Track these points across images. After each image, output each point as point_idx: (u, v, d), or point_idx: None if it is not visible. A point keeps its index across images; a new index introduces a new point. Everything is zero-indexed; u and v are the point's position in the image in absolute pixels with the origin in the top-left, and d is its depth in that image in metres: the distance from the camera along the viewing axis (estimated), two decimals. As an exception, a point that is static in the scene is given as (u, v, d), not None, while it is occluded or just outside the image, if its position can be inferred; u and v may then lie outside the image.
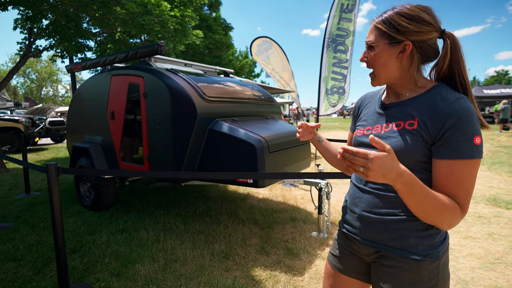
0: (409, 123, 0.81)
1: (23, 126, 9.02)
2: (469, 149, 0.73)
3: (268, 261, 2.40)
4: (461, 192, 0.74)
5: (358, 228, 0.91)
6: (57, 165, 1.79)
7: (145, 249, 2.54)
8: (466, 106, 0.74)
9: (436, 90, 0.82)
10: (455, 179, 0.74)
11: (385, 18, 0.82)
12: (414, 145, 0.78)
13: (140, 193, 4.27)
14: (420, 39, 0.80)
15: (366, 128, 0.93)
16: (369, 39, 0.86)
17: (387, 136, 0.84)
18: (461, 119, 0.73)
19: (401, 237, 0.82)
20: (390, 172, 0.66)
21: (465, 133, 0.72)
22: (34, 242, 2.70)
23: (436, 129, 0.76)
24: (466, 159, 0.73)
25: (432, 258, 0.80)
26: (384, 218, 0.84)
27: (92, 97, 3.55)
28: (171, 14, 6.22)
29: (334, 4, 6.00)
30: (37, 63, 40.12)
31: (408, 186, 0.70)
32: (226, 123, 2.64)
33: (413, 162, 0.79)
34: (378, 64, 0.85)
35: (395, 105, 0.87)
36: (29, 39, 6.40)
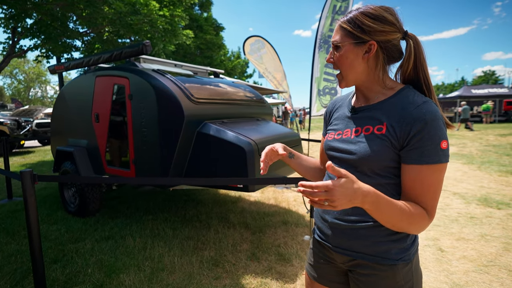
0: (377, 127, 0.80)
1: (8, 128, 8.73)
2: (436, 154, 0.72)
3: (259, 267, 2.32)
4: (427, 197, 0.74)
5: (330, 236, 0.89)
6: (32, 172, 1.68)
7: (131, 258, 2.44)
8: (432, 110, 0.73)
9: (403, 93, 0.81)
10: (423, 184, 0.74)
11: (350, 18, 0.81)
12: (383, 151, 0.77)
13: (128, 197, 4.14)
14: (385, 39, 0.79)
15: (337, 133, 0.92)
16: (335, 39, 0.84)
17: (356, 141, 0.83)
18: (427, 123, 0.72)
19: (373, 243, 0.81)
20: (355, 196, 0.64)
21: (432, 137, 0.72)
22: (13, 251, 2.57)
23: (403, 134, 0.75)
24: (433, 164, 0.72)
25: (405, 261, 0.80)
26: (355, 225, 0.83)
27: (76, 98, 3.42)
28: (160, 14, 6.10)
29: (326, 5, 5.98)
30: (24, 64, 39.19)
31: (375, 205, 0.69)
32: (215, 126, 2.56)
33: (381, 168, 0.79)
34: (344, 64, 0.83)
35: (365, 109, 0.86)
36: (12, 38, 6.20)
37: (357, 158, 0.81)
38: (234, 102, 3.11)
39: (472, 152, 7.51)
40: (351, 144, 0.83)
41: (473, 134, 12.28)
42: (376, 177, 0.79)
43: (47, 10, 5.88)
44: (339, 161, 0.87)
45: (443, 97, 22.36)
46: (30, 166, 6.95)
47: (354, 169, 0.83)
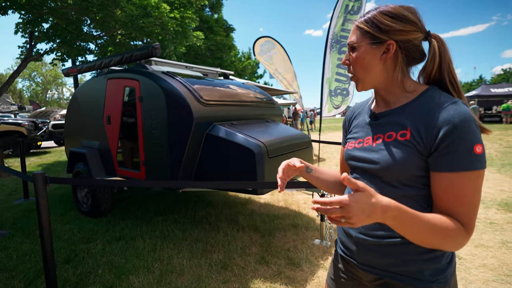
0: (401, 133, 0.73)
1: (25, 129, 9.03)
2: (469, 160, 0.64)
3: (268, 272, 2.29)
4: (463, 209, 0.66)
5: (355, 252, 0.82)
6: (44, 174, 1.70)
7: (141, 259, 2.45)
8: (463, 111, 0.66)
9: (428, 94, 0.74)
10: (456, 194, 0.66)
11: (368, 18, 0.77)
12: (408, 158, 0.70)
13: (139, 198, 4.19)
14: (404, 39, 0.74)
15: (357, 141, 0.86)
16: (351, 39, 0.79)
17: (378, 149, 0.77)
18: (457, 126, 0.65)
19: (404, 262, 0.73)
20: (374, 211, 0.59)
21: (464, 141, 0.64)
22: (28, 251, 2.63)
23: (431, 139, 0.68)
24: (467, 171, 0.65)
25: (441, 283, 0.72)
26: (383, 241, 0.75)
27: (88, 100, 3.48)
28: (171, 16, 6.16)
29: (338, 5, 5.88)
30: (42, 67, 40.56)
31: (398, 220, 0.62)
32: (224, 127, 2.54)
33: (408, 177, 0.72)
34: (361, 66, 0.78)
35: (386, 114, 0.80)
36: (30, 42, 6.39)
37: (380, 168, 0.75)
38: (243, 104, 3.09)
39: (492, 154, 7.22)
40: (373, 153, 0.78)
41: (493, 135, 11.82)
42: (403, 187, 0.72)
43: (62, 14, 6.03)
44: (362, 171, 0.82)
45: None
46: (46, 166, 7.16)
47: (378, 179, 0.77)
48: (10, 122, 9.13)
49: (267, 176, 2.37)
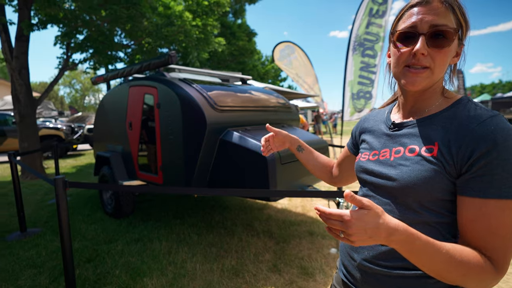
0: (426, 148, 0.63)
1: (63, 133, 9.74)
2: (510, 185, 0.54)
3: (280, 280, 2.24)
4: (495, 244, 0.55)
5: (358, 279, 0.74)
6: (64, 179, 1.81)
7: (156, 261, 2.52)
8: (506, 127, 0.55)
9: (461, 105, 0.64)
10: (488, 226, 0.55)
11: (459, 5, 0.63)
12: (433, 178, 0.60)
13: (160, 200, 4.32)
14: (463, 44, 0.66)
15: (372, 153, 0.76)
16: (445, 21, 0.61)
17: (397, 164, 0.67)
18: (498, 144, 0.54)
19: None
20: (377, 232, 0.52)
21: (506, 163, 0.54)
22: (56, 249, 2.81)
23: (463, 157, 0.57)
24: (505, 199, 0.54)
25: None
26: (392, 272, 0.66)
27: (113, 107, 3.67)
28: (193, 24, 6.35)
29: (362, 7, 5.71)
30: (81, 74, 43.66)
31: (406, 246, 0.54)
32: (237, 133, 2.55)
33: (431, 200, 0.61)
34: (442, 62, 0.63)
35: (409, 125, 0.69)
36: (66, 53, 6.91)
37: (398, 186, 0.64)
38: (258, 109, 3.08)
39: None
40: (391, 168, 0.67)
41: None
42: (424, 212, 0.62)
43: (95, 26, 6.46)
44: (375, 187, 0.72)
45: (500, 96, 20.05)
46: (79, 168, 7.65)
47: (393, 199, 0.67)
48: (50, 126, 9.90)
49: (279, 182, 2.33)
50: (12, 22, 5.75)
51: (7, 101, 12.48)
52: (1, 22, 5.56)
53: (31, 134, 6.11)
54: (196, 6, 6.95)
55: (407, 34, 0.64)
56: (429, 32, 0.61)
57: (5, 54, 5.83)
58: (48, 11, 5.48)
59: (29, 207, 4.09)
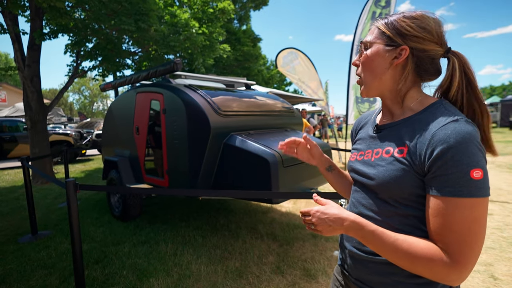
0: (398, 149, 0.70)
1: (72, 139, 9.96)
2: (464, 185, 0.58)
3: (282, 282, 2.28)
4: (450, 239, 0.60)
5: (350, 265, 0.82)
6: (75, 182, 1.89)
7: (162, 263, 2.58)
8: (462, 130, 0.60)
9: (432, 109, 0.69)
10: (445, 221, 0.60)
11: (389, 20, 0.74)
12: (403, 177, 0.67)
13: (166, 204, 4.40)
14: (420, 47, 0.69)
15: (359, 153, 0.84)
16: (366, 38, 0.77)
17: (375, 164, 0.75)
18: (452, 147, 0.59)
19: (394, 283, 0.71)
20: (334, 221, 0.67)
21: (458, 164, 0.59)
22: (65, 250, 2.89)
23: (426, 158, 0.63)
24: (459, 197, 0.59)
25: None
26: (375, 258, 0.73)
27: (121, 113, 3.78)
28: (199, 32, 6.49)
29: (365, 11, 5.78)
30: (89, 81, 44.58)
31: (359, 234, 0.66)
32: (240, 137, 2.62)
33: (405, 196, 0.68)
34: (369, 68, 0.75)
35: (388, 127, 0.77)
36: (76, 61, 7.12)
37: (375, 184, 0.72)
38: (261, 114, 3.15)
39: None
40: (371, 168, 0.75)
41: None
42: (399, 206, 0.69)
43: (104, 34, 6.65)
44: (360, 185, 0.81)
45: (510, 98, 19.73)
46: (88, 172, 7.81)
47: (374, 195, 0.75)
48: (60, 132, 10.14)
49: (282, 185, 2.38)
50: (25, 32, 5.97)
51: (18, 108, 12.84)
52: (15, 32, 5.79)
53: (42, 140, 6.29)
54: (202, 14, 7.10)
55: None
56: (360, 45, 0.78)
57: (17, 62, 6.04)
58: (59, 21, 5.68)
59: (39, 210, 4.21)
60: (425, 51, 0.70)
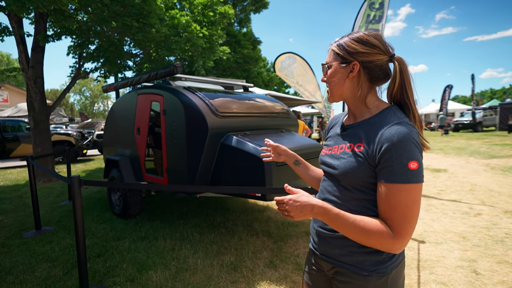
0: (357, 145, 0.85)
1: (74, 139, 10.09)
2: (403, 174, 0.74)
3: (275, 275, 2.39)
4: (394, 216, 0.75)
5: (317, 243, 0.96)
6: (79, 178, 2.02)
7: (160, 257, 2.69)
8: (402, 131, 0.75)
9: (384, 113, 0.85)
10: (390, 203, 0.76)
11: (339, 43, 0.90)
12: (360, 167, 0.82)
13: (165, 202, 4.52)
14: (367, 60, 0.85)
15: (328, 148, 0.99)
16: (326, 60, 0.94)
17: (339, 157, 0.90)
18: (394, 144, 0.75)
19: (350, 253, 0.86)
20: (304, 208, 0.78)
21: (399, 157, 0.74)
22: (68, 245, 3.01)
23: (376, 153, 0.78)
24: (401, 184, 0.74)
25: (380, 273, 0.82)
26: (335, 234, 0.89)
27: (122, 114, 3.91)
28: (200, 35, 6.63)
29: (360, 15, 5.92)
30: (90, 82, 44.82)
31: (325, 217, 0.78)
32: (236, 137, 2.74)
33: (360, 183, 0.83)
34: (332, 82, 0.91)
35: (351, 127, 0.92)
36: (78, 62, 7.26)
37: (338, 173, 0.87)
38: (258, 115, 3.27)
39: None
40: (336, 160, 0.90)
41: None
42: (356, 192, 0.84)
43: (106, 36, 6.80)
44: (327, 174, 0.95)
45: (509, 102, 19.84)
46: (89, 172, 7.93)
47: (337, 183, 0.90)
48: (61, 132, 10.28)
49: (275, 183, 2.50)
50: (29, 34, 6.11)
51: (21, 108, 12.99)
52: (19, 34, 5.93)
53: (44, 140, 6.41)
54: (202, 17, 7.25)
55: None
56: (323, 66, 0.95)
57: (22, 64, 6.19)
58: (62, 23, 5.83)
59: (42, 208, 4.33)
60: (372, 62, 0.85)
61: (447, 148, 10.73)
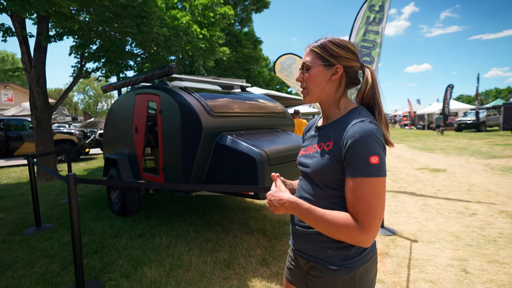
0: (327, 144, 0.90)
1: (76, 138, 10.21)
2: (365, 168, 0.78)
3: (267, 272, 2.44)
4: (359, 209, 0.79)
5: (294, 240, 1.01)
6: (75, 176, 2.07)
7: (156, 254, 2.75)
8: (364, 128, 0.81)
9: (351, 113, 0.90)
10: (354, 196, 0.80)
11: (321, 44, 0.92)
12: (329, 164, 0.86)
13: (163, 201, 4.58)
14: (348, 65, 0.91)
15: (304, 149, 1.03)
16: (306, 60, 0.94)
17: (312, 156, 0.94)
18: (357, 140, 0.79)
19: (321, 248, 0.90)
20: (279, 203, 0.85)
21: (361, 153, 0.79)
22: (66, 242, 3.08)
23: (342, 150, 0.83)
24: (362, 177, 0.78)
25: (348, 268, 0.86)
26: (308, 230, 0.93)
27: (121, 113, 3.97)
28: (200, 37, 6.68)
29: (359, 17, 5.91)
30: (94, 81, 45.13)
31: (297, 212, 0.84)
32: (230, 137, 2.79)
33: (330, 180, 0.88)
34: (312, 83, 0.93)
35: (323, 128, 0.97)
36: (80, 62, 7.35)
37: (311, 171, 0.92)
38: (252, 115, 3.32)
39: None
40: (309, 159, 0.94)
41: None
42: (326, 189, 0.88)
43: (107, 37, 6.88)
44: (304, 174, 0.99)
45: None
46: (90, 171, 8.03)
47: (311, 181, 0.93)
48: (64, 131, 10.40)
49: (268, 182, 2.54)
50: (31, 35, 6.21)
51: (25, 107, 13.15)
52: (22, 34, 6.02)
53: (47, 138, 6.51)
54: (202, 18, 7.30)
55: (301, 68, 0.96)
56: (302, 66, 0.95)
57: (24, 64, 6.29)
58: (64, 24, 5.91)
59: (43, 205, 4.42)
60: (352, 67, 0.92)
61: (448, 148, 10.69)
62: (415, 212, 3.89)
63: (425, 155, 9.28)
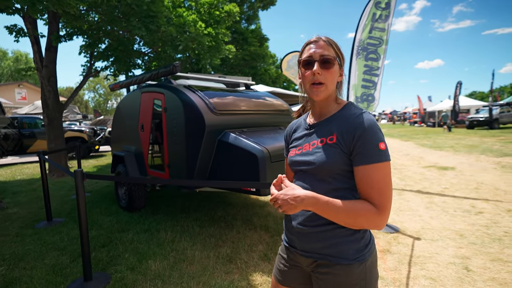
0: (329, 138, 0.92)
1: (86, 135, 10.45)
2: (376, 154, 0.84)
3: (268, 267, 2.48)
4: (374, 193, 0.84)
5: (296, 241, 0.99)
6: (83, 172, 2.16)
7: (160, 248, 2.83)
8: (368, 118, 0.88)
9: (346, 107, 0.97)
10: (368, 182, 0.85)
11: (334, 42, 0.97)
12: (336, 157, 0.89)
13: (169, 197, 4.68)
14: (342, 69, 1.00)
15: (297, 148, 1.03)
16: (329, 53, 0.92)
17: (314, 152, 0.95)
18: (365, 130, 0.85)
19: (334, 244, 0.91)
20: (296, 200, 0.82)
21: (371, 141, 0.85)
22: (76, 235, 3.20)
23: (350, 140, 0.87)
24: (375, 163, 0.84)
25: (359, 261, 0.89)
26: (317, 229, 0.93)
27: (127, 111, 4.07)
28: (205, 33, 6.73)
29: (365, 14, 5.85)
30: (104, 80, 45.87)
31: (316, 206, 0.84)
32: (233, 134, 2.83)
33: (338, 172, 0.90)
34: (332, 80, 0.93)
35: (318, 125, 0.99)
36: (90, 61, 7.51)
37: (315, 167, 0.92)
38: (256, 112, 3.35)
39: None
40: (310, 156, 0.94)
41: None
42: (334, 182, 0.90)
43: (115, 36, 7.00)
44: (303, 172, 0.98)
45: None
46: (100, 167, 8.22)
47: (315, 177, 0.93)
48: (75, 129, 10.65)
49: (269, 179, 2.57)
50: (42, 35, 6.38)
51: (38, 106, 13.52)
52: (34, 35, 6.19)
53: (58, 136, 6.70)
54: (208, 16, 7.35)
55: (307, 61, 0.94)
56: (320, 59, 0.93)
57: (36, 63, 6.47)
58: (74, 23, 6.05)
59: (54, 201, 4.57)
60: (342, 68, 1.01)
61: (458, 146, 10.49)
62: (419, 210, 3.87)
63: (433, 153, 9.14)
